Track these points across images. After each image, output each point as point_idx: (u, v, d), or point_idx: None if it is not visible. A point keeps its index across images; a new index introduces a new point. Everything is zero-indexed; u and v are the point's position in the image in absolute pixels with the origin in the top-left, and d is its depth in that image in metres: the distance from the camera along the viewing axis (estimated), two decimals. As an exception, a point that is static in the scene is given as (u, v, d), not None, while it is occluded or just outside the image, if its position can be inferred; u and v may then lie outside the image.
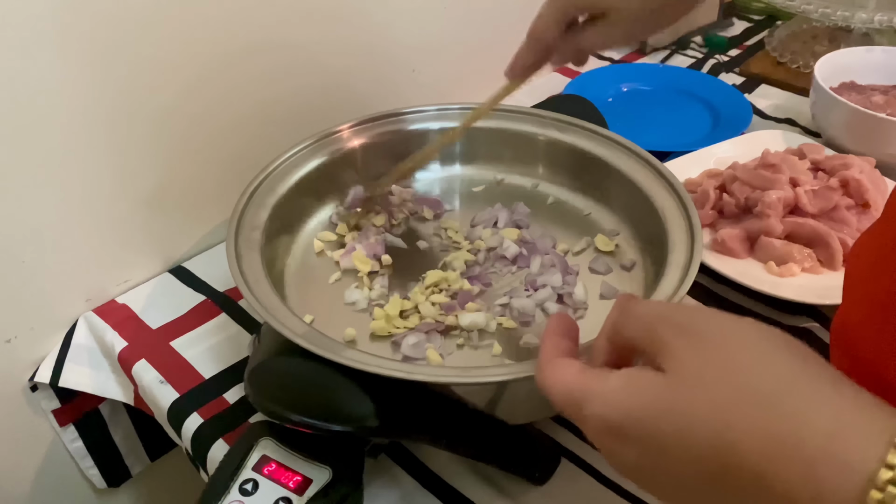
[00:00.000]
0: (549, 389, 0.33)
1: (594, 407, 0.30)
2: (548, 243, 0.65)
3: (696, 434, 0.27)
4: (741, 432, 0.26)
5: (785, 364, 0.27)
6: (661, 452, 0.28)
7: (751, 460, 0.25)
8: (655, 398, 0.28)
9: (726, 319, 0.30)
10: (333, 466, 0.47)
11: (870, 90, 0.87)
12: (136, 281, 0.72)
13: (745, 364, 0.27)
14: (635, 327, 0.32)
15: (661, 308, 0.32)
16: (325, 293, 0.61)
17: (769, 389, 0.26)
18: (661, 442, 0.28)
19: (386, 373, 0.45)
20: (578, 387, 0.32)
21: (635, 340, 0.32)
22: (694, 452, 0.27)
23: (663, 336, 0.30)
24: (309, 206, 0.68)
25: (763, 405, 0.26)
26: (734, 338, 0.29)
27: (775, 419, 0.25)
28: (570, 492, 0.52)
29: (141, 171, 0.67)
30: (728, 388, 0.27)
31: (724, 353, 0.28)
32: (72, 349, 0.67)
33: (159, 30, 0.62)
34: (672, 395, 0.28)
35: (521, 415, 0.51)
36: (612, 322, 0.33)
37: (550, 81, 1.03)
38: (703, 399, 0.27)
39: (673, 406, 0.28)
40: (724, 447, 0.26)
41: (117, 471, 0.78)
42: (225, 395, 0.60)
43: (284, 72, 0.73)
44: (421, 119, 0.72)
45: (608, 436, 0.30)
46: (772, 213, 0.68)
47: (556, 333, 0.36)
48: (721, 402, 0.27)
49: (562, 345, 0.35)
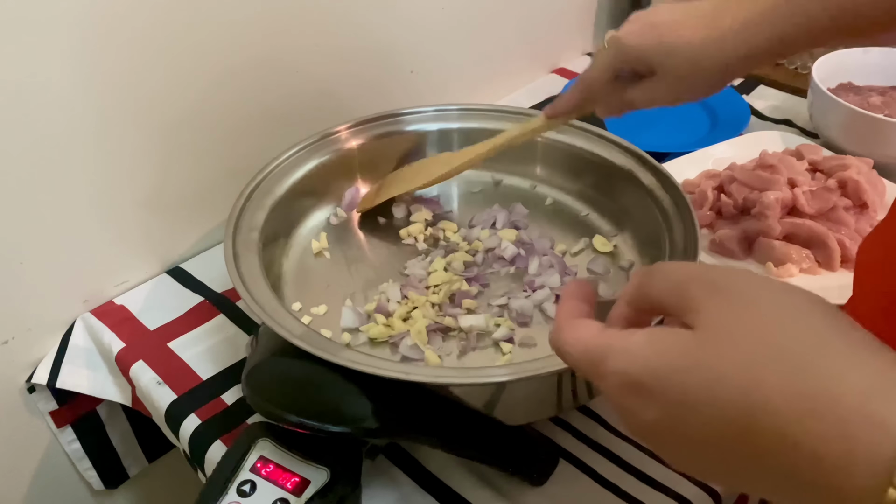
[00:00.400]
0: (567, 347, 0.32)
1: (615, 362, 0.29)
2: (546, 244, 0.65)
3: (723, 390, 0.26)
4: (771, 389, 0.25)
5: (820, 323, 0.26)
6: (685, 409, 0.27)
7: (780, 418, 0.24)
8: (682, 353, 0.27)
9: (759, 279, 0.29)
10: (331, 467, 0.47)
11: (867, 91, 0.87)
12: (133, 282, 0.71)
13: (778, 322, 0.26)
14: (663, 286, 0.30)
15: (690, 267, 0.31)
16: (323, 294, 0.61)
17: (803, 347, 0.25)
18: (685, 398, 0.27)
19: (384, 374, 0.45)
20: (598, 343, 0.31)
21: (663, 299, 0.30)
22: (720, 409, 0.26)
23: (694, 293, 0.29)
24: (307, 208, 0.68)
25: (796, 363, 0.25)
26: (767, 297, 0.28)
27: (808, 377, 0.25)
28: (569, 493, 0.52)
29: (139, 173, 0.67)
30: (760, 345, 0.26)
31: (756, 312, 0.27)
32: (69, 350, 0.67)
33: (158, 35, 0.62)
34: (700, 351, 0.27)
35: (520, 416, 0.51)
36: (636, 285, 0.32)
37: (549, 83, 1.03)
38: (733, 355, 0.26)
39: (701, 361, 0.27)
40: (752, 404, 0.25)
41: (115, 472, 0.78)
42: (223, 397, 0.60)
43: (282, 73, 0.73)
44: (418, 120, 0.72)
45: (629, 392, 0.28)
46: (770, 213, 0.68)
47: (574, 297, 0.35)
48: (752, 359, 0.26)
49: (579, 308, 0.34)
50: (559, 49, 1.07)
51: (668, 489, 0.52)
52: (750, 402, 0.25)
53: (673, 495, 0.51)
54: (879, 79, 0.89)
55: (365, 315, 0.59)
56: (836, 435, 0.23)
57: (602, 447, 0.55)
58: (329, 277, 0.63)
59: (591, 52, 1.12)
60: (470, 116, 0.72)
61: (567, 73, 1.06)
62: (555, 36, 1.05)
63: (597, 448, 0.55)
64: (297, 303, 0.60)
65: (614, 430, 0.56)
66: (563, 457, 0.55)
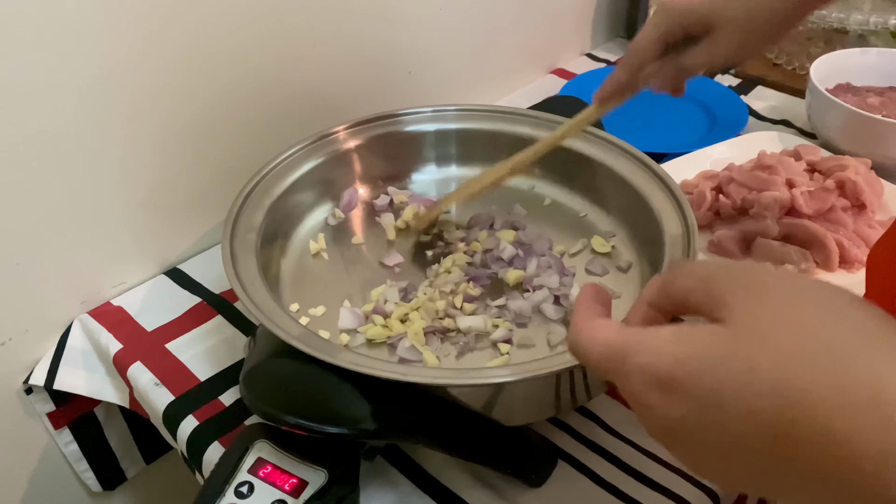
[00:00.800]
0: (587, 345, 0.31)
1: (640, 357, 0.28)
2: (544, 245, 0.65)
3: (757, 385, 0.24)
4: (809, 382, 0.24)
5: (858, 317, 0.25)
6: (714, 405, 0.25)
7: (820, 409, 0.23)
8: (713, 346, 0.26)
9: (791, 275, 0.28)
10: (329, 469, 0.47)
11: (865, 92, 0.87)
12: (131, 283, 0.71)
13: (814, 316, 0.25)
14: (689, 283, 0.29)
15: (715, 263, 0.30)
16: (321, 294, 0.61)
17: (841, 340, 0.24)
18: (715, 393, 0.25)
19: (382, 375, 0.45)
20: (620, 339, 0.29)
21: (689, 296, 0.29)
22: (753, 405, 0.24)
23: (724, 288, 0.28)
24: (305, 208, 0.67)
25: (834, 355, 0.24)
26: (802, 292, 0.27)
27: (848, 369, 0.24)
28: (567, 494, 0.52)
29: (136, 174, 0.67)
30: (796, 338, 0.25)
31: (791, 306, 0.26)
32: (66, 352, 0.67)
33: (154, 32, 0.62)
34: (732, 344, 0.26)
35: (518, 417, 0.51)
36: (658, 284, 0.31)
37: (547, 83, 1.03)
38: (768, 348, 0.25)
39: (733, 354, 0.25)
40: (790, 396, 0.24)
41: (112, 474, 0.77)
42: (220, 398, 0.60)
43: (280, 74, 0.73)
44: (417, 120, 0.72)
45: (653, 389, 0.27)
46: (768, 214, 0.68)
47: (591, 300, 0.34)
48: (787, 353, 0.25)
49: (596, 310, 0.33)
50: (557, 50, 1.07)
51: (667, 490, 0.52)
52: (788, 394, 0.24)
53: (671, 496, 0.51)
54: (877, 79, 0.89)
55: (363, 316, 0.59)
56: (878, 426, 0.23)
57: (601, 448, 0.55)
58: (327, 278, 0.63)
59: (590, 53, 1.12)
60: (468, 117, 0.72)
61: (565, 73, 1.06)
62: (553, 36, 1.05)
63: (595, 449, 0.55)
64: (295, 304, 0.60)
65: (613, 430, 0.56)
66: (562, 458, 0.55)
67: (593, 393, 0.53)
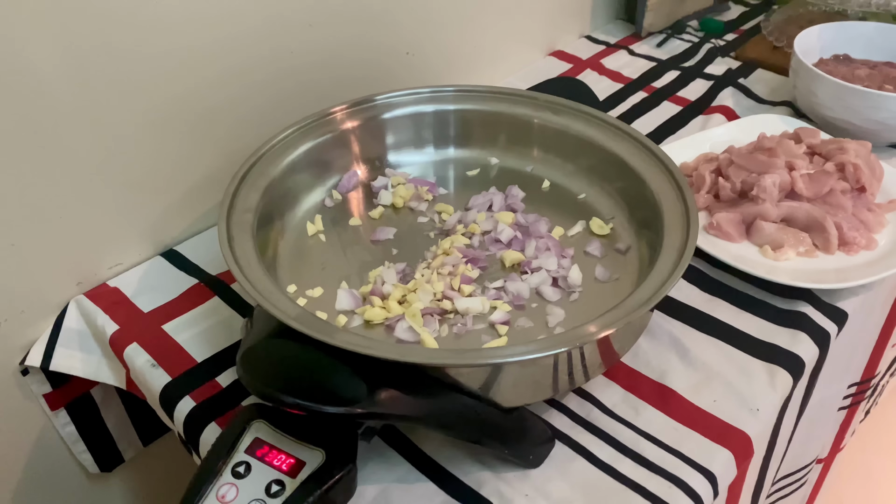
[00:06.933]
0: None
1: None
2: (543, 227, 0.65)
3: None
4: None
5: None
6: None
7: None
8: None
9: None
10: (327, 449, 0.46)
11: (861, 64, 0.87)
12: (127, 264, 0.71)
13: None
14: None
15: None
16: (319, 276, 0.61)
17: None
18: None
19: (380, 355, 0.45)
20: None
21: None
22: None
23: None
24: (302, 189, 0.67)
25: None
26: None
27: None
28: (564, 474, 0.52)
29: (132, 155, 0.66)
30: None
31: None
32: (63, 333, 0.67)
33: (150, 13, 0.61)
34: None
35: (516, 397, 0.51)
36: None
37: (546, 65, 1.03)
38: None
39: None
40: None
41: (110, 455, 0.78)
42: (217, 379, 0.60)
43: (277, 54, 0.72)
44: (415, 101, 0.71)
45: None
46: (767, 197, 0.68)
47: None
48: None
49: None
50: (556, 31, 1.06)
51: (664, 471, 0.52)
52: None
53: (668, 476, 0.52)
54: (879, 55, 0.89)
55: (360, 297, 0.59)
56: None
57: (598, 429, 0.55)
58: (324, 259, 0.63)
59: (589, 35, 1.11)
60: (466, 98, 0.71)
61: (564, 55, 1.05)
62: (552, 18, 1.04)
63: (593, 430, 0.55)
64: (293, 285, 0.59)
65: (610, 412, 0.56)
66: (559, 439, 0.55)
67: (591, 374, 0.53)
